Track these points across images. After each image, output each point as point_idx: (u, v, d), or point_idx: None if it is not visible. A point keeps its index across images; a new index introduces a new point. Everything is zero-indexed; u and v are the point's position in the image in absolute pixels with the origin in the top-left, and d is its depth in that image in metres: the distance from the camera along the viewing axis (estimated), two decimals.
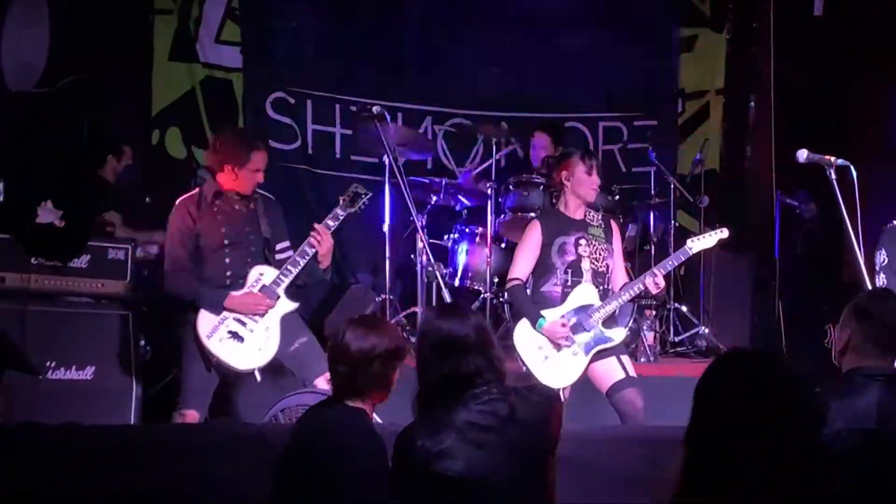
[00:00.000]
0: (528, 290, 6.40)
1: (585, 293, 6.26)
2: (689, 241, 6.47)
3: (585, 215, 6.44)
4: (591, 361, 6.19)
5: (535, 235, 6.39)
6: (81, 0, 8.43)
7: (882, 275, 6.27)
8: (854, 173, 5.74)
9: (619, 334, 6.29)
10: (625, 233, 8.55)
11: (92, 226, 7.30)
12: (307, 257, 6.05)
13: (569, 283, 6.28)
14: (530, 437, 3.68)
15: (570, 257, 6.29)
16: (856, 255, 5.71)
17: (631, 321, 8.12)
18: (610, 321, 6.27)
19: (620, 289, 6.34)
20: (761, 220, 9.55)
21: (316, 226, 6.08)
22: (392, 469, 3.72)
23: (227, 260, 6.08)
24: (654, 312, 8.46)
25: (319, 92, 9.78)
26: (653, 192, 9.07)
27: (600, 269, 6.33)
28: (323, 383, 5.86)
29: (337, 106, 9.79)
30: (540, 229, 6.39)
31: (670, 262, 6.47)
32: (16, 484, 4.77)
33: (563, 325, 6.15)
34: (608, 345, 6.21)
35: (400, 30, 9.86)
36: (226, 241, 6.08)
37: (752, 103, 10.27)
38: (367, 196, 6.26)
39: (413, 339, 7.77)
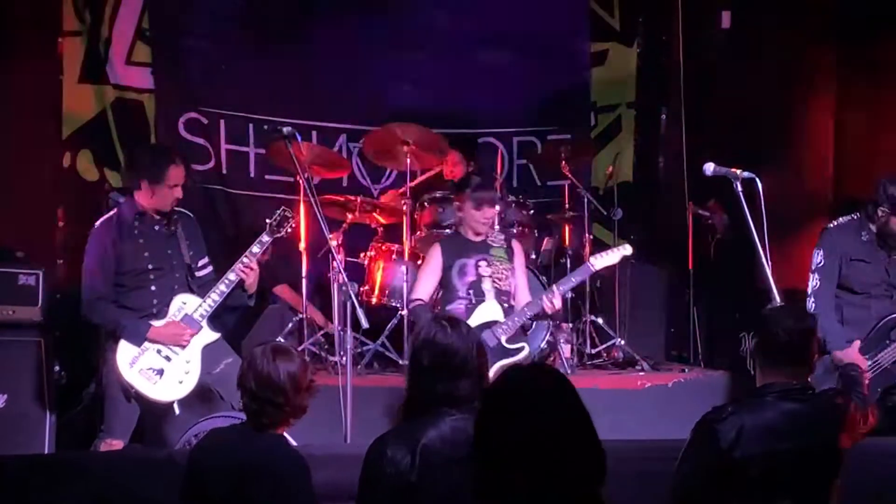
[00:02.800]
0: (437, 311, 6.57)
1: (489, 310, 6.53)
2: (591, 259, 6.74)
3: (487, 237, 6.71)
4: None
5: (436, 258, 6.75)
6: None
7: (816, 275, 6.36)
8: (760, 185, 5.83)
9: (522, 350, 6.52)
10: (541, 246, 8.62)
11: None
12: (232, 285, 6.02)
13: (472, 303, 6.53)
14: None
15: (471, 278, 6.59)
16: (763, 264, 5.79)
17: (547, 335, 8.17)
18: (515, 337, 6.49)
19: (523, 307, 6.57)
20: (674, 230, 9.66)
21: (244, 258, 6.07)
22: (361, 476, 3.74)
23: (154, 288, 6.02)
24: (570, 325, 8.51)
25: (232, 111, 9.71)
26: (567, 205, 9.13)
27: (504, 288, 6.60)
28: None
29: (250, 125, 9.73)
30: (440, 252, 6.75)
31: (572, 280, 6.77)
32: None
33: None
34: (512, 360, 6.46)
35: (313, 47, 9.82)
36: (150, 267, 6.02)
37: (664, 116, 10.39)
38: (294, 219, 6.30)
39: (331, 358, 7.87)
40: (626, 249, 6.83)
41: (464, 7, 10.00)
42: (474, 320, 6.48)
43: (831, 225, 6.56)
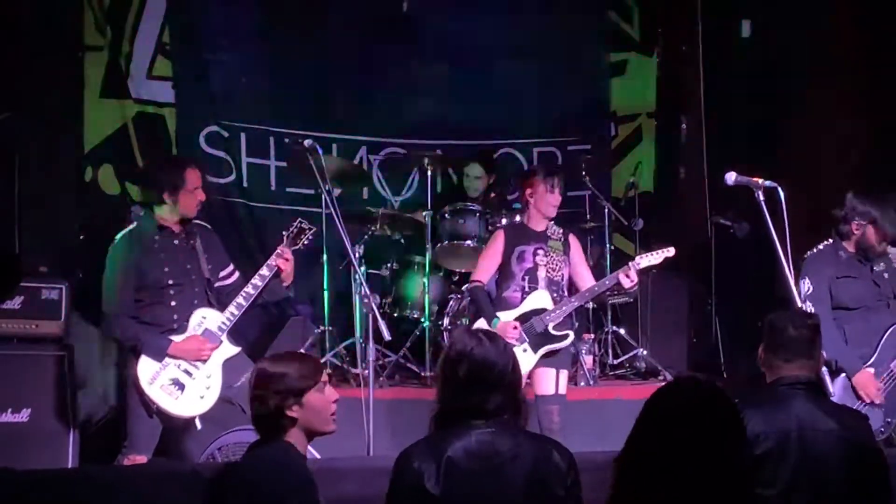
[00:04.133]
0: (493, 295, 6.99)
1: (540, 298, 6.82)
2: (637, 258, 6.99)
3: (547, 228, 6.99)
4: (540, 362, 6.77)
5: (498, 242, 7.00)
6: (9, 37, 8.36)
7: (808, 303, 6.34)
8: (782, 194, 5.81)
9: (567, 337, 6.82)
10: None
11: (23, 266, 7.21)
12: (251, 298, 6.02)
13: (526, 290, 6.85)
14: (524, 478, 3.68)
15: (528, 265, 6.87)
16: (785, 274, 5.79)
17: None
18: (561, 325, 6.80)
19: (587, 290, 6.91)
20: (696, 240, 9.64)
21: (280, 249, 6.10)
22: (389, 488, 3.72)
23: (174, 303, 6.00)
24: (592, 336, 8.50)
25: (253, 125, 9.72)
26: (587, 215, 9.12)
27: (555, 278, 6.89)
28: None
29: (271, 138, 9.75)
30: (503, 237, 7.01)
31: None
32: None
33: (515, 328, 6.69)
34: (557, 346, 6.78)
35: (332, 60, 9.83)
36: (170, 282, 6.00)
37: (684, 125, 10.37)
38: (312, 231, 6.28)
39: (353, 370, 7.88)
40: (670, 251, 7.10)
41: (483, 19, 9.99)
42: (525, 306, 6.81)
43: (808, 254, 6.55)
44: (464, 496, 3.62)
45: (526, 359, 6.66)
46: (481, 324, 6.70)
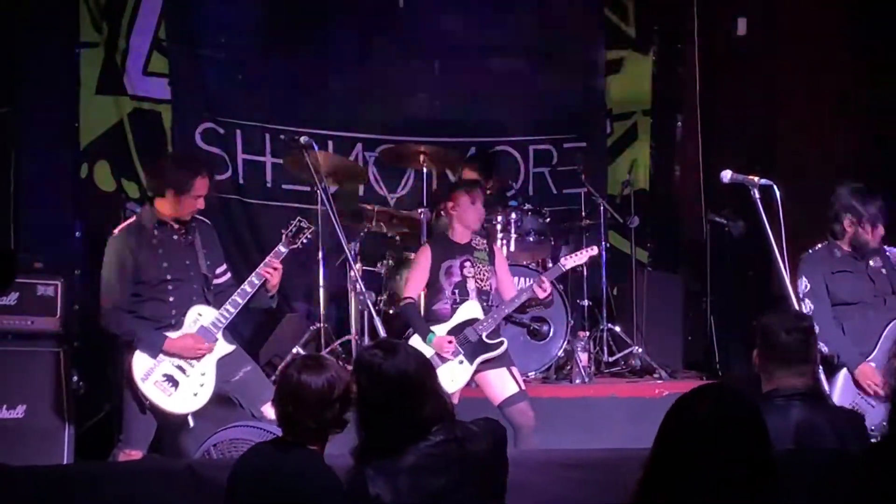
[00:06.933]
0: (422, 309, 7.07)
1: (471, 309, 6.93)
2: (562, 259, 7.23)
3: (471, 240, 7.12)
4: (479, 370, 6.86)
5: (425, 259, 7.06)
6: (5, 33, 8.35)
7: (807, 300, 6.37)
8: (777, 192, 5.82)
9: (501, 345, 6.88)
10: (558, 255, 8.60)
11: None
12: (248, 296, 6.00)
13: (457, 301, 6.96)
14: (483, 473, 3.67)
15: (456, 278, 6.98)
16: (781, 272, 5.79)
17: (564, 343, 8.20)
18: (493, 333, 6.90)
19: (509, 300, 7.03)
20: (691, 238, 9.64)
21: (269, 259, 6.05)
22: None
23: (171, 299, 5.98)
24: (587, 333, 8.50)
25: (249, 122, 9.72)
26: (583, 213, 9.12)
27: (484, 288, 7.03)
28: (271, 410, 5.82)
29: (267, 135, 9.75)
30: (430, 253, 7.07)
31: (551, 274, 7.19)
32: None
33: (450, 342, 6.78)
34: (492, 354, 6.84)
35: (328, 57, 9.84)
36: (168, 277, 5.98)
37: (679, 123, 10.37)
38: (311, 230, 6.25)
39: (348, 367, 7.85)
40: (593, 250, 7.35)
41: (479, 16, 10.00)
42: (456, 318, 6.89)
43: (804, 255, 6.59)
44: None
45: (463, 370, 6.80)
46: (415, 340, 6.79)
